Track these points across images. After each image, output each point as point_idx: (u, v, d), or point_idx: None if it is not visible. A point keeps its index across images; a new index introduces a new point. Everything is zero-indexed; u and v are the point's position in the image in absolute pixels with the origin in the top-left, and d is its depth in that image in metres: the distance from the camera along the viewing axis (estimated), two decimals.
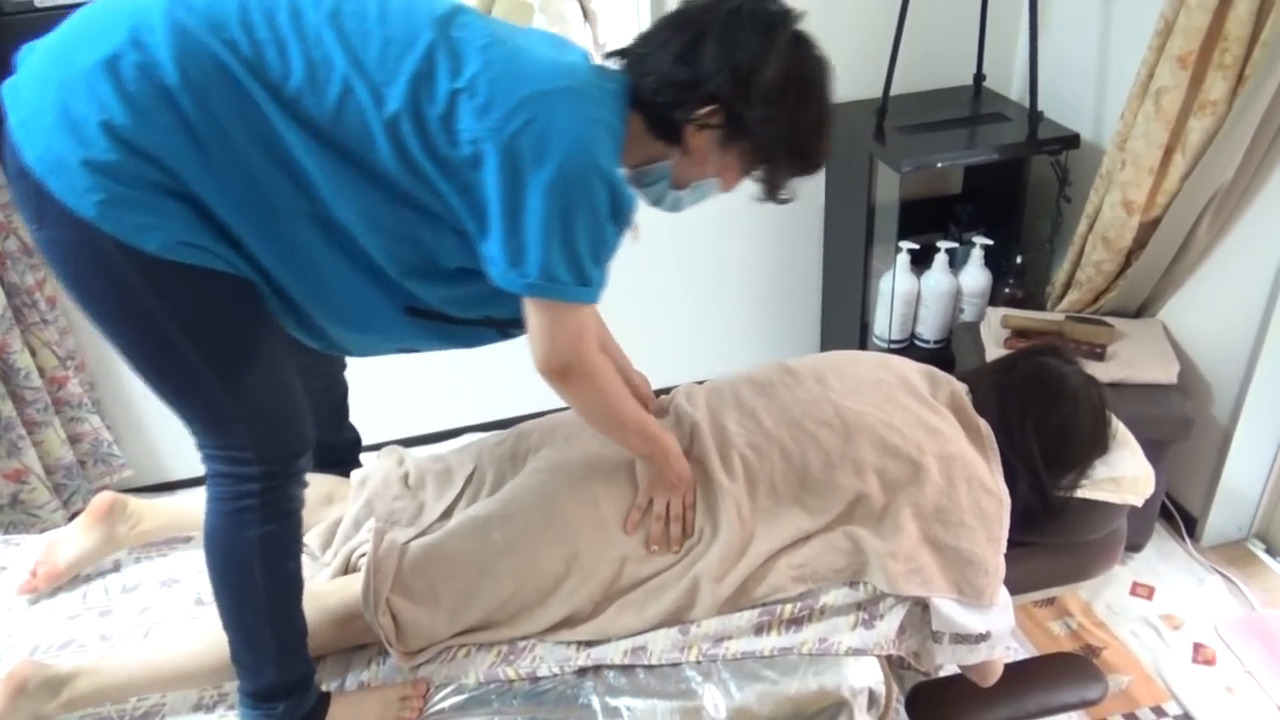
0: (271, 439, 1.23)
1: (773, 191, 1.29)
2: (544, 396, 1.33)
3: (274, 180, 1.12)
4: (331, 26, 1.11)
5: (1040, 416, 1.51)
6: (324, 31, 1.10)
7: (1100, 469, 1.53)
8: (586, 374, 1.29)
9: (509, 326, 1.34)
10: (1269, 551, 2.25)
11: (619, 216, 1.20)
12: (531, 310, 1.22)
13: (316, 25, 1.10)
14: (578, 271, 1.18)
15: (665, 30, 1.22)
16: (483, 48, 1.14)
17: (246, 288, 1.18)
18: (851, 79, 2.48)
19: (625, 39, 1.28)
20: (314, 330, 1.28)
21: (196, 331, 1.15)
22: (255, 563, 1.24)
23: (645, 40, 1.24)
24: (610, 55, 1.27)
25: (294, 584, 1.30)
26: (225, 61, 1.07)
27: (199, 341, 1.15)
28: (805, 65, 1.22)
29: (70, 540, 1.57)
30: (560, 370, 1.26)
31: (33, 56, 1.11)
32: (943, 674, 1.51)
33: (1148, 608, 2.12)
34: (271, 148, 1.10)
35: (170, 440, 2.56)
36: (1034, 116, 2.29)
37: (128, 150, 1.05)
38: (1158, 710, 1.89)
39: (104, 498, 1.58)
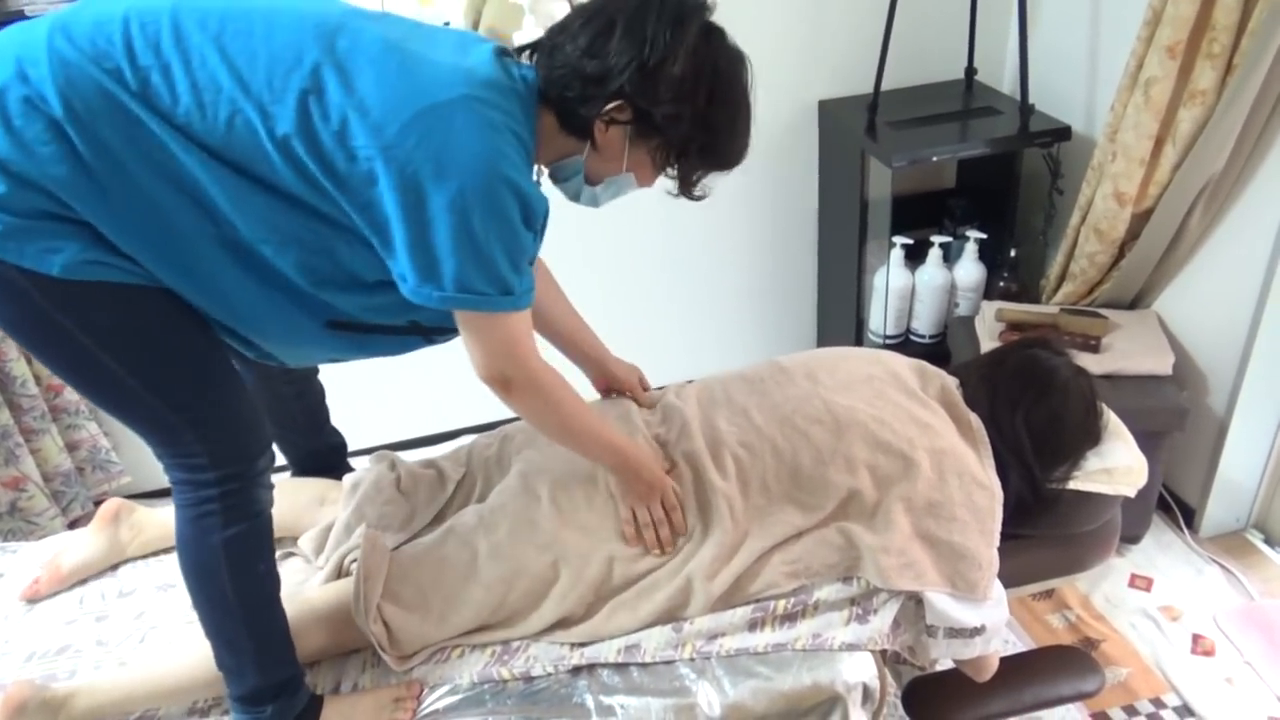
0: (224, 443, 1.22)
1: (686, 189, 1.27)
2: None
3: (174, 205, 1.10)
4: (216, 48, 1.08)
5: (1031, 409, 1.50)
6: (208, 54, 1.08)
7: (1092, 460, 1.53)
8: (530, 384, 1.27)
9: (434, 333, 1.32)
10: (1267, 541, 2.25)
11: (532, 222, 1.17)
12: (460, 323, 1.21)
13: (200, 47, 1.08)
14: (498, 281, 1.15)
15: (576, 20, 1.18)
16: (374, 58, 1.11)
17: (164, 296, 1.16)
18: (842, 75, 2.49)
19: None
20: (243, 339, 1.26)
21: (118, 346, 1.14)
22: (222, 566, 1.24)
23: (557, 31, 1.20)
24: (523, 49, 1.24)
25: (266, 585, 1.29)
26: (111, 90, 1.05)
27: (123, 356, 1.14)
28: (717, 58, 1.18)
29: (76, 545, 1.59)
30: (501, 380, 1.25)
31: None
32: (939, 668, 1.51)
33: (1146, 599, 2.11)
34: (169, 173, 1.08)
35: None
36: (1025, 109, 2.29)
37: (17, 183, 1.04)
38: (1157, 702, 1.89)
39: (112, 503, 1.60)
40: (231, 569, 1.24)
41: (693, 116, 1.17)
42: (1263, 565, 2.19)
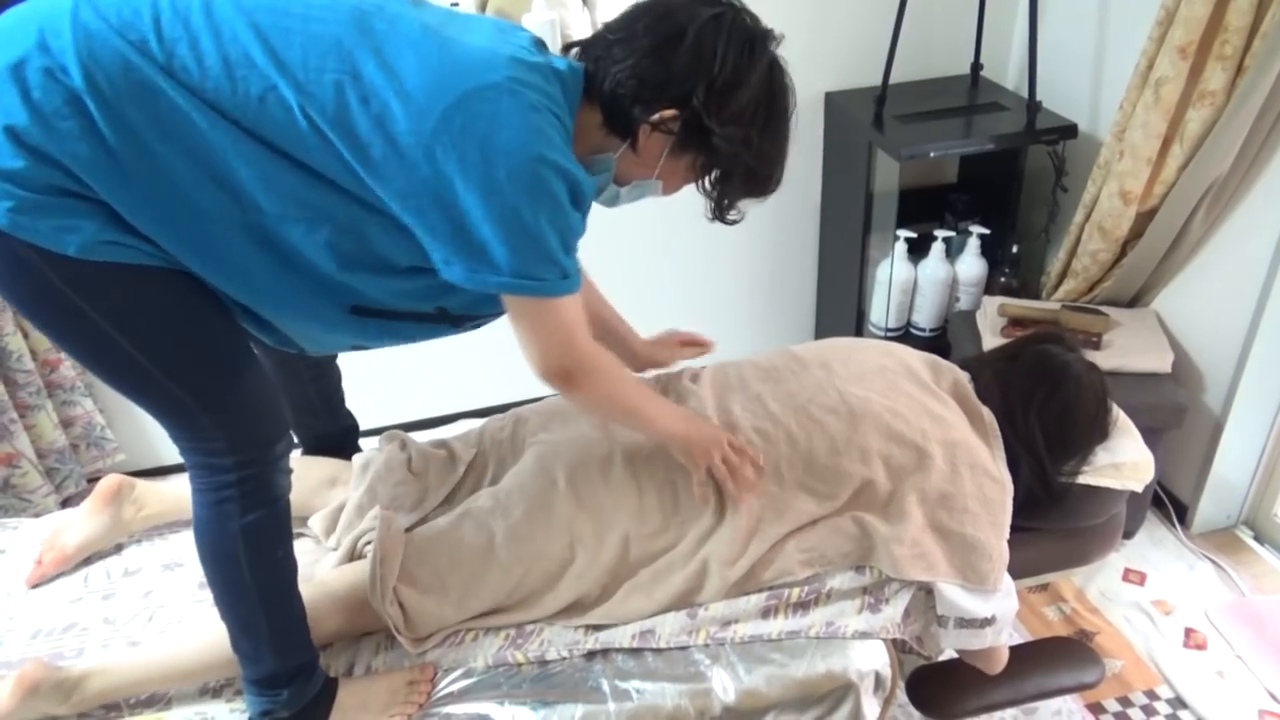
0: (241, 428, 1.20)
1: (722, 211, 1.28)
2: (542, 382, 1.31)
3: (197, 186, 1.07)
4: (248, 23, 1.06)
5: (1044, 403, 1.52)
6: (240, 29, 1.05)
7: (1101, 455, 1.55)
8: (589, 369, 1.26)
9: (462, 320, 1.31)
10: (1257, 538, 2.28)
11: (579, 202, 1.16)
12: (517, 315, 1.20)
13: (232, 22, 1.05)
14: (555, 265, 1.14)
15: (639, 21, 1.18)
16: (414, 42, 1.09)
17: (182, 279, 1.13)
18: (851, 67, 2.49)
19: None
20: (263, 325, 1.25)
21: (134, 329, 1.11)
22: (241, 553, 1.22)
23: (615, 28, 1.20)
24: (571, 46, 1.24)
25: (284, 571, 1.28)
26: (135, 63, 1.02)
27: (139, 339, 1.12)
28: (776, 91, 1.20)
29: (77, 524, 1.56)
30: (562, 372, 1.23)
31: None
32: (943, 658, 1.53)
33: (1140, 593, 2.14)
34: (193, 152, 1.05)
35: None
36: (1032, 106, 2.30)
37: (34, 157, 1.01)
38: (1150, 694, 1.92)
39: (111, 480, 1.57)
40: (250, 555, 1.22)
41: (745, 142, 1.19)
42: (1253, 562, 2.23)
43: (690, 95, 1.14)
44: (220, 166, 1.07)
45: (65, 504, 2.35)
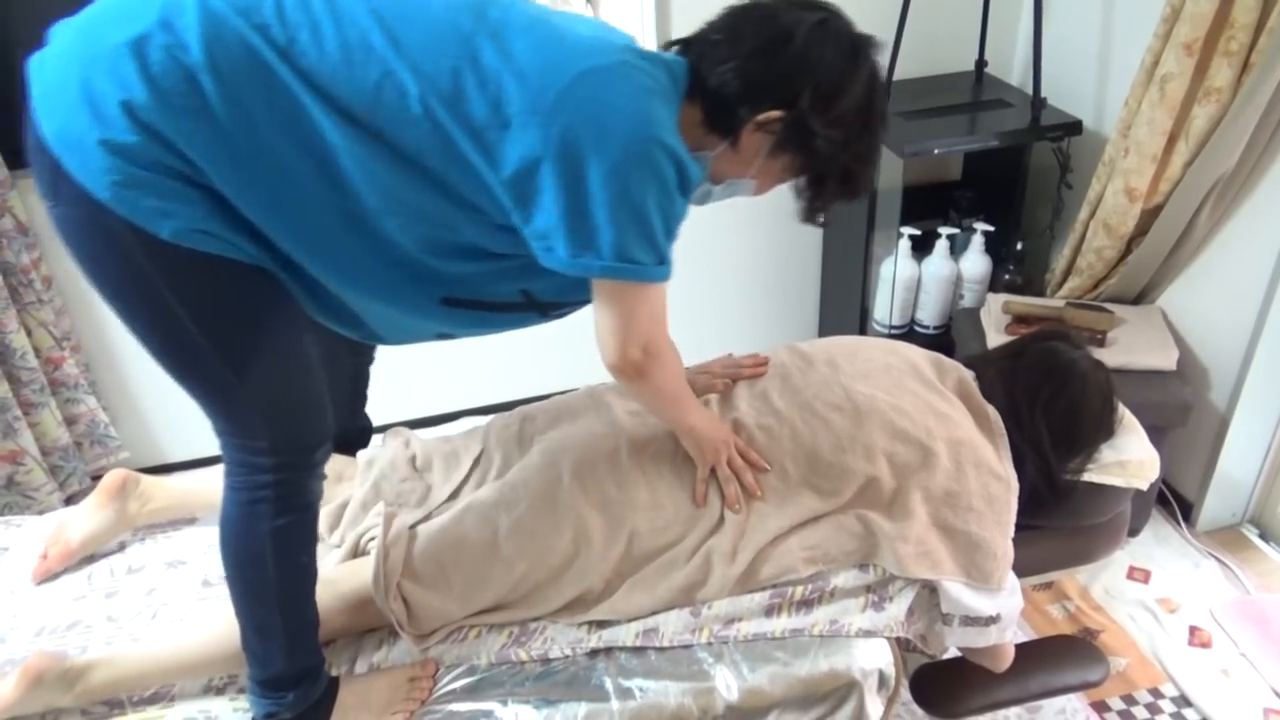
0: (287, 429, 1.21)
1: (813, 213, 1.29)
2: (547, 380, 1.31)
3: (302, 173, 1.08)
4: (368, 9, 1.07)
5: (1049, 400, 1.52)
6: (360, 14, 1.07)
7: (1107, 453, 1.55)
8: (663, 360, 1.27)
9: (549, 308, 1.31)
10: (1262, 536, 2.28)
11: (686, 187, 1.16)
12: (607, 299, 1.20)
13: (352, 8, 1.07)
14: (655, 250, 1.15)
15: (743, 23, 1.19)
16: (525, 29, 1.11)
17: (264, 277, 1.15)
18: None
19: (628, 15, 1.24)
20: (347, 320, 1.26)
21: (210, 320, 1.13)
22: (268, 555, 1.23)
23: (717, 28, 1.21)
24: (672, 44, 1.25)
25: (306, 576, 1.29)
26: (255, 45, 1.04)
27: (212, 330, 1.13)
28: (876, 96, 1.22)
29: (82, 519, 1.56)
30: (639, 359, 1.24)
31: (63, 32, 1.08)
32: (946, 656, 1.52)
33: (1144, 591, 2.14)
34: (302, 137, 1.07)
35: (166, 422, 2.54)
36: (1037, 103, 2.29)
37: (147, 134, 1.02)
38: (1155, 692, 1.91)
39: (116, 475, 1.57)
40: (276, 559, 1.23)
41: (845, 145, 1.20)
42: (1258, 560, 2.22)
43: (797, 97, 1.16)
44: (326, 154, 1.08)
45: (69, 501, 2.35)
